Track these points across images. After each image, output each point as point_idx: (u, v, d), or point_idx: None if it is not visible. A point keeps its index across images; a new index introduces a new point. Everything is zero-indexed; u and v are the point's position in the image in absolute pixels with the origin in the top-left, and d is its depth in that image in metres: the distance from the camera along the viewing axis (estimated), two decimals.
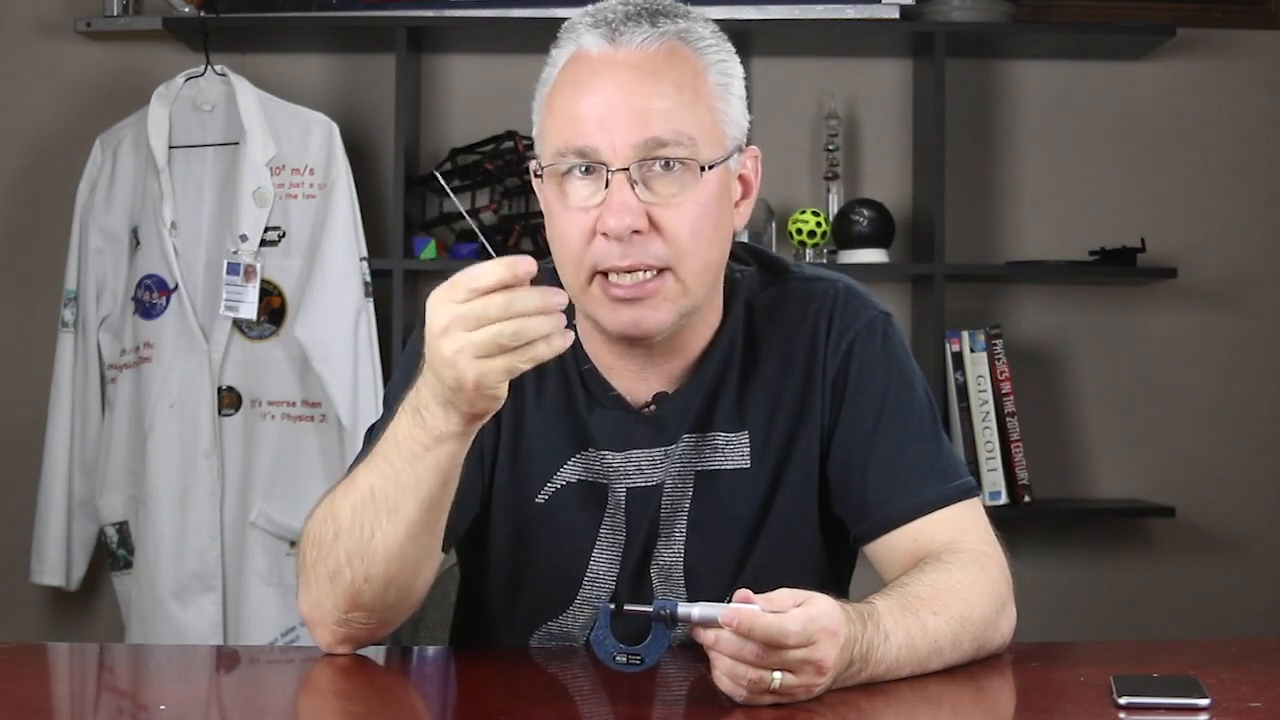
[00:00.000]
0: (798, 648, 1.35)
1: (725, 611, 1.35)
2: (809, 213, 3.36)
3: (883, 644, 1.46)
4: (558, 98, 1.62)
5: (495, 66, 3.55)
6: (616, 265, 1.58)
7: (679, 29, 1.61)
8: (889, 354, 1.71)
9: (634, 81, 1.58)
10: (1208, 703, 1.37)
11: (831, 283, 1.74)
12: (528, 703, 1.42)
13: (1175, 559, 3.56)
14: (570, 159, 1.59)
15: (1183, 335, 3.57)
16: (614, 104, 1.57)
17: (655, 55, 1.59)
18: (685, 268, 1.60)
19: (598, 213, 1.58)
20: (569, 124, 1.59)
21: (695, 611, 1.37)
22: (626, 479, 1.69)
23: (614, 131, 1.57)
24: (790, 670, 1.36)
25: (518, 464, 1.71)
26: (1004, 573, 1.62)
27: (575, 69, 1.61)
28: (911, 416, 1.69)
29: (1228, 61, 3.57)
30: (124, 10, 3.46)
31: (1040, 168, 3.58)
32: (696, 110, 1.60)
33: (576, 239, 1.59)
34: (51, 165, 3.51)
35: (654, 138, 1.57)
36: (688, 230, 1.59)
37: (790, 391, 1.70)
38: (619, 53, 1.59)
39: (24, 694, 1.43)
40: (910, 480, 1.66)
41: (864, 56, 3.55)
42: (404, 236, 3.35)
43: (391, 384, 1.79)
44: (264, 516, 3.23)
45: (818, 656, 1.36)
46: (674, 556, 1.69)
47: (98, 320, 3.32)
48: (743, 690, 1.37)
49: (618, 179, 1.57)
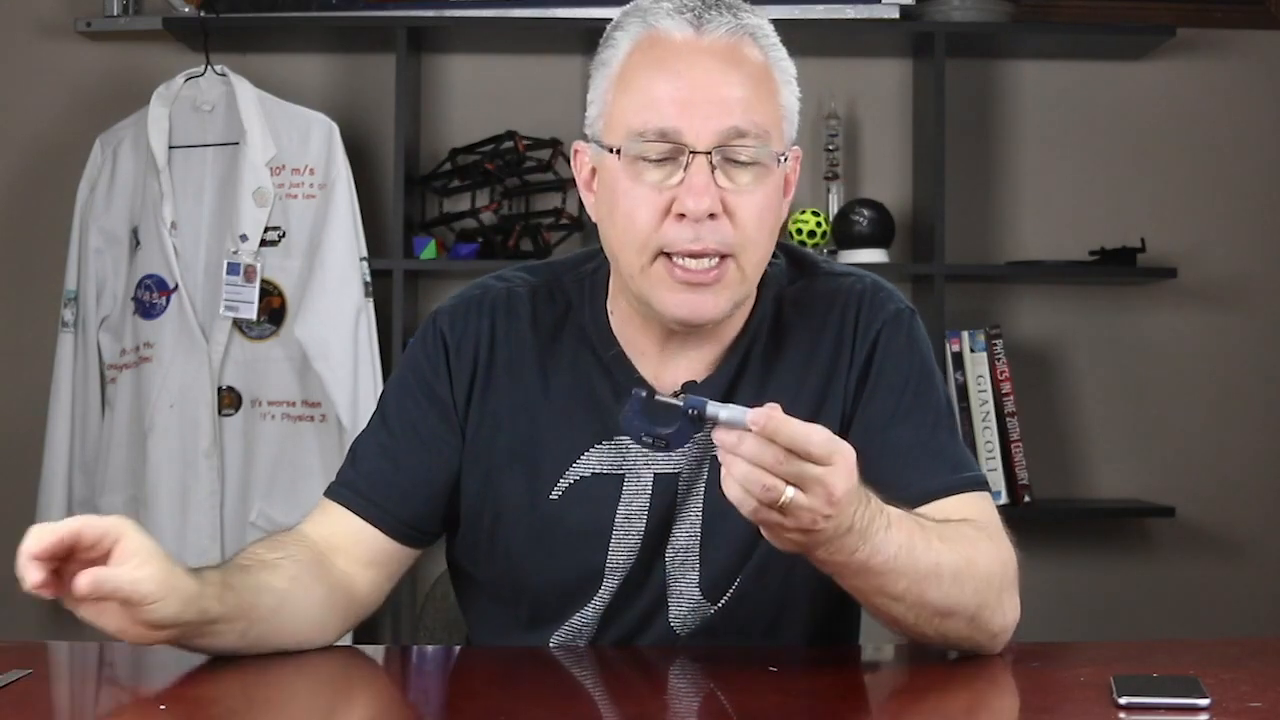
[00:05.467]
0: (817, 463, 1.36)
1: (753, 413, 1.36)
2: (809, 213, 3.36)
3: (884, 529, 1.46)
4: (635, 78, 1.63)
5: (495, 66, 3.55)
6: (687, 248, 1.60)
7: (754, 24, 1.65)
8: (913, 347, 1.73)
9: (718, 69, 1.60)
10: (1208, 703, 1.37)
11: (859, 278, 1.77)
12: (528, 702, 1.42)
13: (1175, 559, 3.56)
14: (651, 139, 1.60)
15: (1183, 335, 3.57)
16: (698, 88, 1.60)
17: (736, 46, 1.62)
18: (747, 255, 1.62)
19: (673, 194, 1.60)
20: (650, 105, 1.60)
21: (723, 413, 1.38)
22: (654, 464, 1.70)
23: (697, 116, 1.59)
24: (803, 488, 1.37)
25: (527, 463, 1.71)
26: (1013, 559, 1.62)
27: (654, 51, 1.62)
28: (930, 409, 1.71)
29: (1228, 61, 3.57)
30: (124, 10, 3.46)
31: (1040, 168, 3.58)
32: (769, 104, 1.63)
33: (647, 218, 1.61)
34: (51, 165, 3.51)
35: (734, 126, 1.59)
36: (755, 219, 1.62)
37: (813, 379, 1.71)
38: (703, 39, 1.61)
39: (24, 694, 1.43)
40: (925, 465, 1.67)
41: (864, 56, 3.55)
42: (404, 236, 3.35)
43: (387, 390, 1.79)
44: (264, 516, 3.23)
45: (832, 480, 1.37)
46: (689, 539, 1.70)
47: (98, 320, 3.32)
48: (753, 501, 1.37)
49: (698, 162, 1.59)
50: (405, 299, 3.32)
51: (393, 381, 1.78)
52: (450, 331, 1.74)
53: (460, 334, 1.74)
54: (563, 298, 1.76)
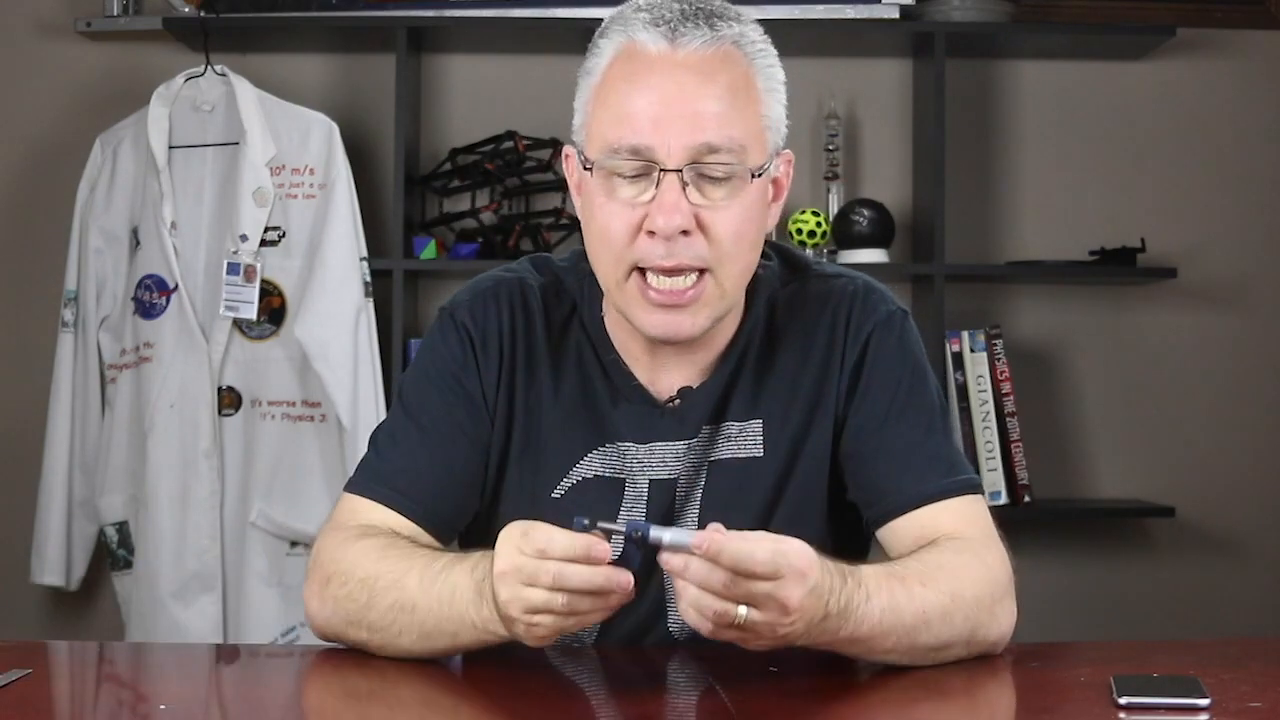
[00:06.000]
0: (764, 580, 1.36)
1: (696, 536, 1.36)
2: (809, 213, 3.36)
3: (864, 603, 1.46)
4: (610, 92, 1.62)
5: (495, 66, 3.55)
6: (660, 264, 1.59)
7: (735, 33, 1.63)
8: (905, 348, 1.73)
9: (691, 84, 1.59)
10: (1208, 703, 1.37)
11: (851, 279, 1.77)
12: (529, 701, 1.42)
13: (1175, 559, 3.56)
14: (623, 155, 1.59)
15: (1183, 335, 3.57)
16: (670, 104, 1.58)
17: (712, 58, 1.60)
18: (725, 270, 1.61)
19: (645, 210, 1.59)
20: (623, 120, 1.59)
21: (667, 536, 1.38)
22: (649, 471, 1.70)
23: (669, 132, 1.57)
24: (755, 605, 1.36)
25: (533, 459, 1.71)
26: (1005, 566, 1.62)
27: (630, 64, 1.61)
28: (923, 410, 1.71)
29: (1228, 61, 3.57)
30: (124, 10, 3.46)
31: (1040, 168, 3.58)
32: (747, 116, 1.61)
33: (620, 234, 1.60)
34: (51, 165, 3.51)
35: (707, 143, 1.58)
36: (732, 234, 1.60)
37: (807, 382, 1.71)
38: (677, 53, 1.60)
39: (24, 694, 1.43)
40: (918, 468, 1.67)
41: (864, 56, 3.55)
42: (404, 236, 3.35)
43: (405, 377, 1.78)
44: (264, 516, 3.23)
45: (783, 594, 1.37)
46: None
47: (98, 320, 3.32)
48: (708, 623, 1.37)
49: (669, 179, 1.58)
50: (405, 299, 3.32)
51: (413, 377, 1.76)
52: (472, 324, 1.73)
53: (483, 326, 1.73)
54: (568, 296, 1.76)
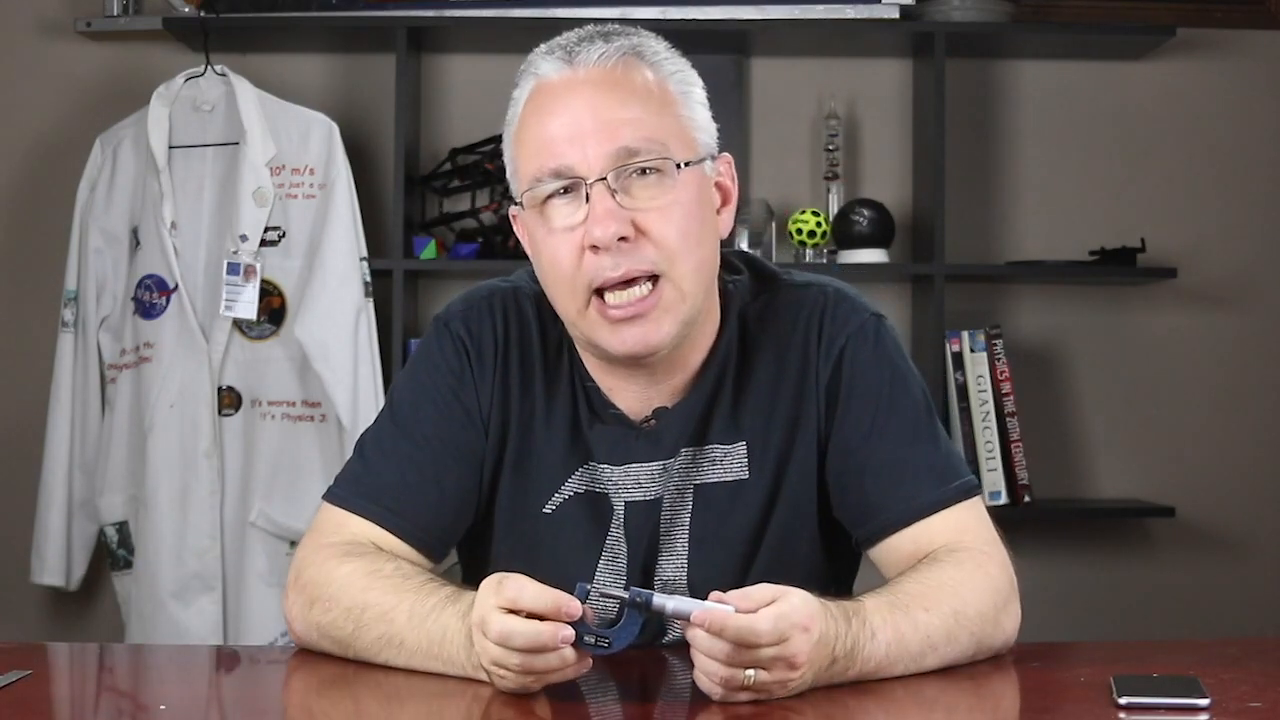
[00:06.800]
0: (770, 646, 1.36)
1: (697, 612, 1.36)
2: (809, 213, 3.36)
3: (870, 641, 1.46)
4: (525, 130, 1.64)
5: (495, 66, 3.55)
6: (611, 277, 1.58)
7: (633, 44, 1.63)
8: (881, 356, 1.70)
9: (598, 96, 1.60)
10: (1208, 703, 1.37)
11: (821, 288, 1.74)
12: (530, 701, 1.42)
13: (1175, 559, 3.56)
14: (547, 181, 1.59)
15: (1183, 335, 3.57)
16: (581, 120, 1.59)
17: (614, 70, 1.61)
18: (678, 270, 1.60)
19: (583, 229, 1.58)
20: (541, 149, 1.60)
21: (669, 605, 1.38)
22: (625, 493, 1.69)
23: (586, 145, 1.58)
24: (763, 667, 1.37)
25: (525, 474, 1.71)
26: (1005, 571, 1.62)
27: (538, 98, 1.63)
28: (908, 417, 1.68)
29: (1228, 61, 3.57)
30: (124, 10, 3.46)
31: (1040, 168, 3.58)
32: (663, 116, 1.61)
33: (567, 260, 1.60)
34: (51, 165, 3.51)
35: (625, 147, 1.58)
36: (675, 231, 1.60)
37: (785, 400, 1.69)
38: (579, 72, 1.61)
39: (24, 695, 1.43)
40: (909, 482, 1.65)
41: (864, 56, 3.55)
42: (404, 236, 3.35)
43: (397, 385, 1.77)
44: (264, 516, 3.23)
45: (790, 652, 1.37)
46: (677, 571, 1.69)
47: (98, 320, 3.32)
48: (718, 688, 1.38)
49: (597, 190, 1.58)
50: (405, 299, 3.32)
51: (406, 386, 1.74)
52: (468, 335, 1.72)
53: (479, 337, 1.72)
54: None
